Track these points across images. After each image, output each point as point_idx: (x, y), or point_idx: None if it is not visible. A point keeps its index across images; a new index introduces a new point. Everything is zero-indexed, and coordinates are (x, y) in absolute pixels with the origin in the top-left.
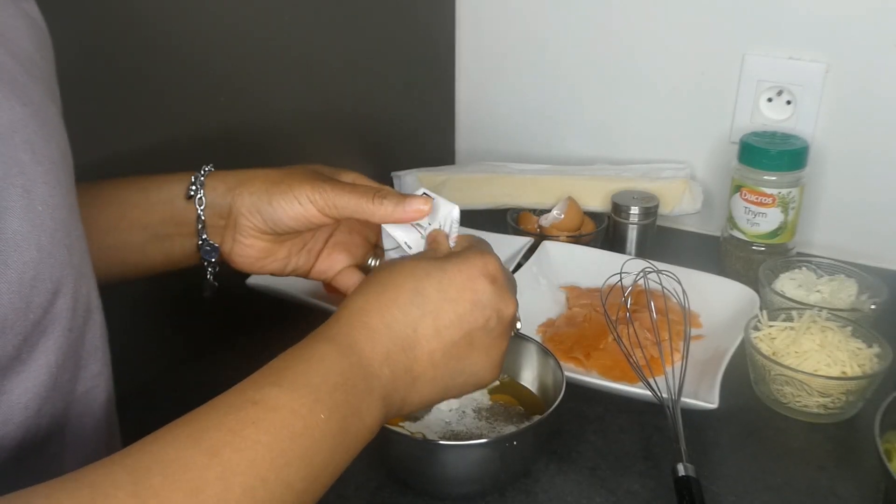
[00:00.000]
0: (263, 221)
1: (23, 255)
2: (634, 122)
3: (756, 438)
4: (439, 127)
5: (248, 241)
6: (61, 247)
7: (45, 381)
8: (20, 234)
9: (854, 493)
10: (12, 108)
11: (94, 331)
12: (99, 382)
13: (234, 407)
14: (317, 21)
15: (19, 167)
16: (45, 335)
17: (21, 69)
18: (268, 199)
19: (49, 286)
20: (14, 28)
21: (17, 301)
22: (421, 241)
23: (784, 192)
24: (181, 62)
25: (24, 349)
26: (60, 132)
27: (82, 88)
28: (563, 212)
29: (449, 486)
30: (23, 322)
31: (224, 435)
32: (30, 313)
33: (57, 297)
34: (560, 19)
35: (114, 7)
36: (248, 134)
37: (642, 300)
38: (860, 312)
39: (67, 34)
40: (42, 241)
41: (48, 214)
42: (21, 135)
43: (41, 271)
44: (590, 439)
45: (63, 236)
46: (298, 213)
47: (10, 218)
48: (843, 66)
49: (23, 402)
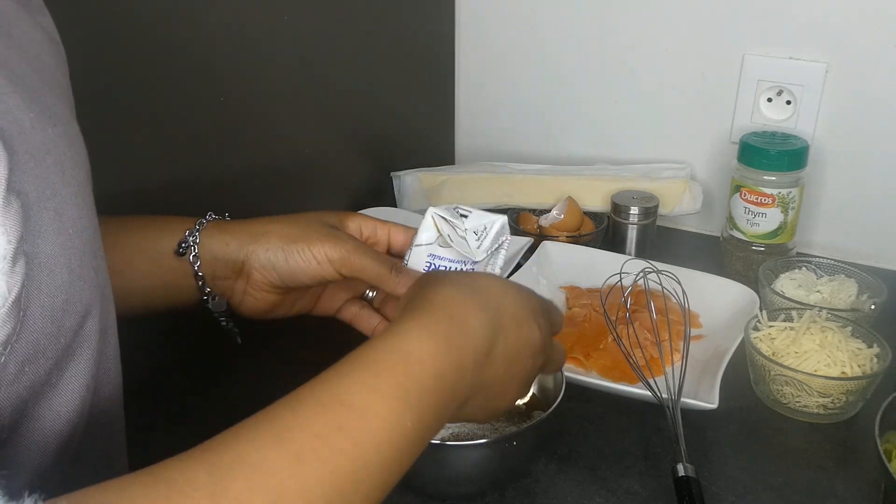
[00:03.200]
0: (279, 278)
1: (55, 279)
2: (634, 122)
3: (756, 438)
4: (439, 127)
5: (259, 295)
6: (89, 269)
7: (76, 406)
8: (52, 258)
9: (854, 493)
10: (44, 130)
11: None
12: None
13: (322, 406)
14: (316, 21)
15: (52, 189)
16: (75, 358)
17: (47, 88)
18: (284, 257)
19: (79, 309)
20: (36, 43)
21: (50, 326)
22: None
23: (784, 192)
24: (181, 62)
25: (54, 373)
26: (84, 152)
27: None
28: (563, 212)
29: (449, 486)
30: (55, 346)
31: (310, 440)
32: (61, 337)
33: (86, 320)
34: (560, 19)
35: (109, 14)
36: (248, 133)
37: (642, 300)
38: (860, 312)
39: (72, 55)
40: (72, 264)
41: (77, 237)
42: (52, 156)
43: (72, 294)
44: (590, 439)
45: (91, 258)
46: (315, 272)
47: (42, 242)
48: (843, 66)
49: (56, 428)
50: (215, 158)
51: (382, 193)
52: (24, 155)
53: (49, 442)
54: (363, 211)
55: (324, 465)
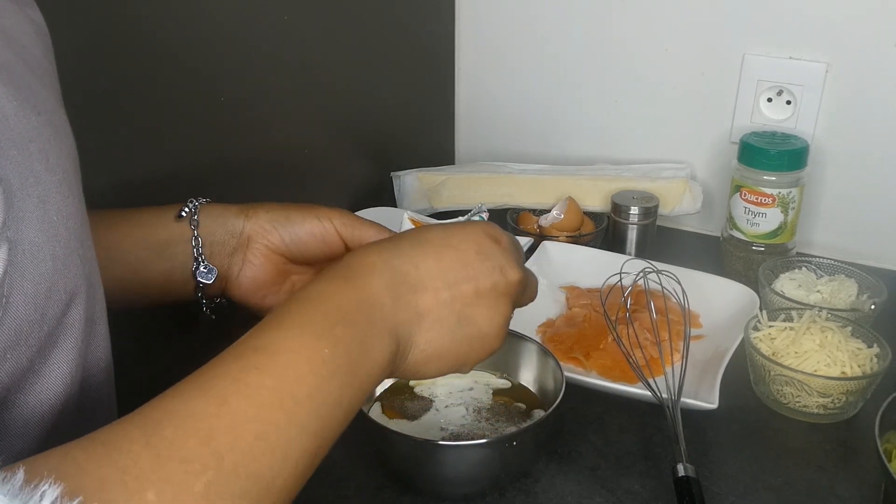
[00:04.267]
0: (280, 237)
1: (39, 266)
2: (634, 122)
3: (756, 438)
4: (439, 127)
5: (258, 262)
6: (75, 257)
7: (59, 392)
8: (36, 245)
9: (854, 493)
10: (28, 118)
11: (97, 342)
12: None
13: (238, 355)
14: (316, 21)
15: (35, 177)
16: (58, 346)
17: (34, 77)
18: (285, 217)
19: (63, 297)
20: (24, 34)
21: (33, 313)
22: None
23: (784, 192)
24: (180, 62)
25: (37, 360)
26: (71, 141)
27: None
28: (563, 212)
29: (449, 486)
30: (37, 333)
31: (229, 383)
32: (44, 325)
33: (70, 308)
34: (560, 19)
35: (105, 15)
36: (248, 133)
37: (642, 300)
38: (860, 312)
39: (61, 47)
40: (57, 251)
41: (62, 224)
42: (36, 144)
43: (56, 282)
44: (590, 439)
45: (77, 246)
46: (317, 231)
47: (26, 229)
48: (843, 66)
49: (38, 416)
50: (214, 158)
51: (382, 193)
52: (6, 142)
53: (31, 429)
54: (363, 211)
55: (248, 402)
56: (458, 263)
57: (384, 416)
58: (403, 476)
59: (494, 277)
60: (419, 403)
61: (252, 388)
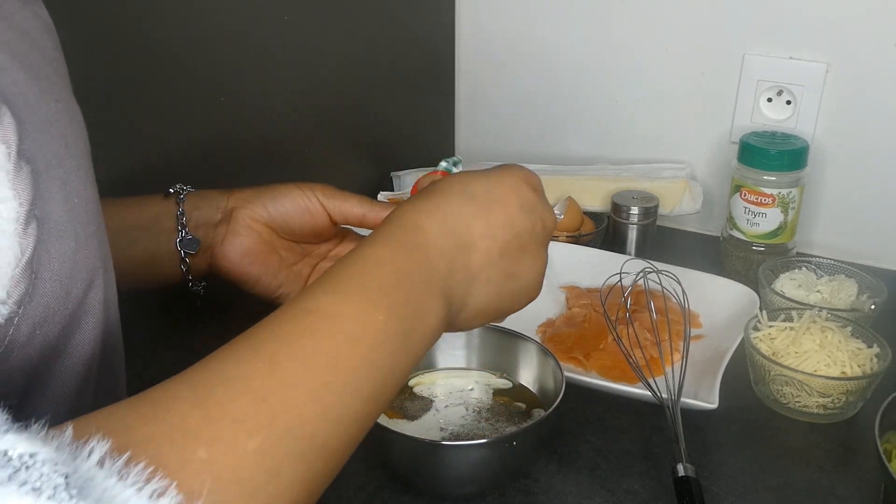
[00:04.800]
0: (264, 207)
1: (63, 245)
2: (634, 122)
3: (756, 438)
4: (439, 127)
5: (243, 231)
6: (93, 238)
7: (80, 374)
8: (60, 224)
9: (854, 493)
10: (48, 104)
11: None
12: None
13: (290, 318)
14: (316, 21)
15: (57, 159)
16: (81, 326)
17: (50, 68)
18: (269, 189)
19: (85, 276)
20: (34, 29)
21: (59, 290)
22: None
23: (784, 192)
24: (180, 62)
25: (61, 339)
26: (84, 130)
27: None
28: (563, 212)
29: (449, 486)
30: (63, 311)
31: (281, 346)
32: (69, 303)
33: (90, 289)
34: (560, 19)
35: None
36: (248, 133)
37: (642, 300)
38: (860, 312)
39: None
40: (78, 231)
41: (82, 207)
42: (56, 128)
43: (78, 261)
44: (590, 439)
45: (95, 229)
46: (300, 201)
47: (51, 208)
48: (843, 66)
49: (62, 395)
50: (213, 158)
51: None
52: (31, 125)
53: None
54: None
55: (301, 365)
56: (506, 220)
57: (384, 416)
58: (403, 476)
59: (536, 229)
60: (419, 403)
61: (305, 350)
